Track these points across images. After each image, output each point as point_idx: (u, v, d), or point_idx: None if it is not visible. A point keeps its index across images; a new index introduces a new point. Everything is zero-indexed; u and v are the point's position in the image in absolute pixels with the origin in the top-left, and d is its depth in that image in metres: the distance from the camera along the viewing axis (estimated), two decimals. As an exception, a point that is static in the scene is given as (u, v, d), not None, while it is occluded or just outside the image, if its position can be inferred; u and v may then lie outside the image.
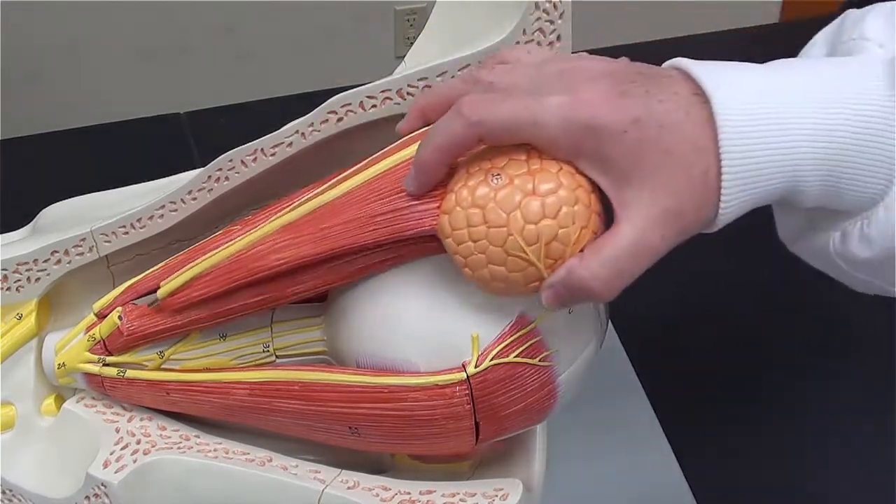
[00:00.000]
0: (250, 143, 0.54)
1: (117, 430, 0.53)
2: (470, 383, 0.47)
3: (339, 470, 0.51)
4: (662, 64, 0.45)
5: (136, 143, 0.95)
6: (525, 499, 0.49)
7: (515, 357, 0.47)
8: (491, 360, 0.47)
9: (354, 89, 0.53)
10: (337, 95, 0.53)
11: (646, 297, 0.62)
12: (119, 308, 0.53)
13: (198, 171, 0.55)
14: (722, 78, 0.43)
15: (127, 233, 0.55)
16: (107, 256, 0.56)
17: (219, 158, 0.54)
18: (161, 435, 0.53)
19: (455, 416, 0.48)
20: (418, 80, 0.53)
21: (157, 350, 0.53)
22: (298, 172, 0.54)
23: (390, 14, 1.90)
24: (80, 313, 0.56)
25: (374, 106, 0.53)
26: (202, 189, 0.54)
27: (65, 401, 0.56)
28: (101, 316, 0.54)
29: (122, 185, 0.60)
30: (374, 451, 0.53)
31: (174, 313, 0.52)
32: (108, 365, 0.53)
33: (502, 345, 0.47)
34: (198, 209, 0.55)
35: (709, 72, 0.43)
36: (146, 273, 0.53)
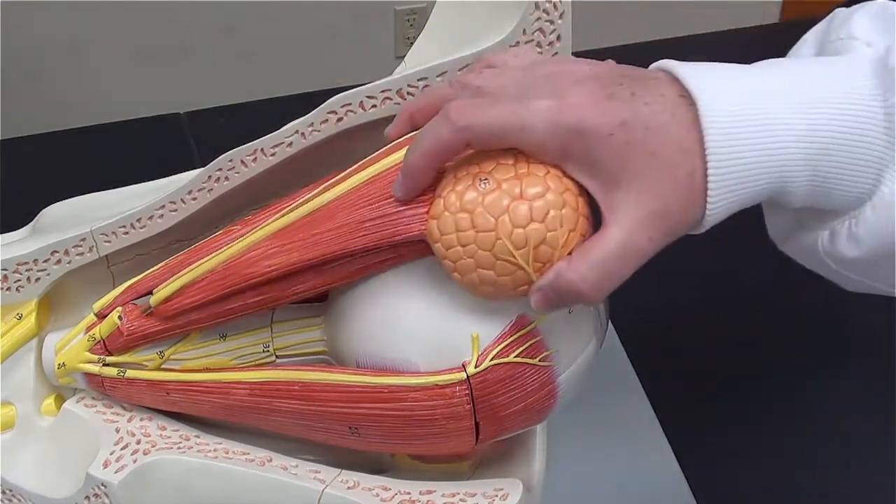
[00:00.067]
0: (250, 143, 0.54)
1: (117, 430, 0.53)
2: (470, 383, 0.47)
3: (339, 470, 0.51)
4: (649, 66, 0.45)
5: (136, 143, 0.95)
6: (525, 499, 0.49)
7: (515, 357, 0.47)
8: (491, 360, 0.47)
9: (354, 89, 0.53)
10: (337, 95, 0.53)
11: (646, 297, 0.62)
12: (119, 308, 0.53)
13: (198, 171, 0.55)
14: (708, 79, 0.43)
15: (127, 233, 0.55)
16: (107, 256, 0.56)
17: (219, 158, 0.54)
18: (161, 435, 0.53)
19: (455, 416, 0.48)
20: (418, 80, 0.53)
21: (157, 350, 0.53)
22: (298, 172, 0.54)
23: (390, 14, 1.90)
24: (80, 313, 0.56)
25: (374, 106, 0.53)
26: (202, 189, 0.54)
27: (65, 401, 0.56)
28: (101, 316, 0.54)
29: (122, 185, 0.60)
30: (374, 451, 0.53)
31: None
32: (108, 365, 0.53)
33: (502, 345, 0.47)
34: (198, 209, 0.55)
35: (695, 73, 0.43)
36: (146, 273, 0.53)
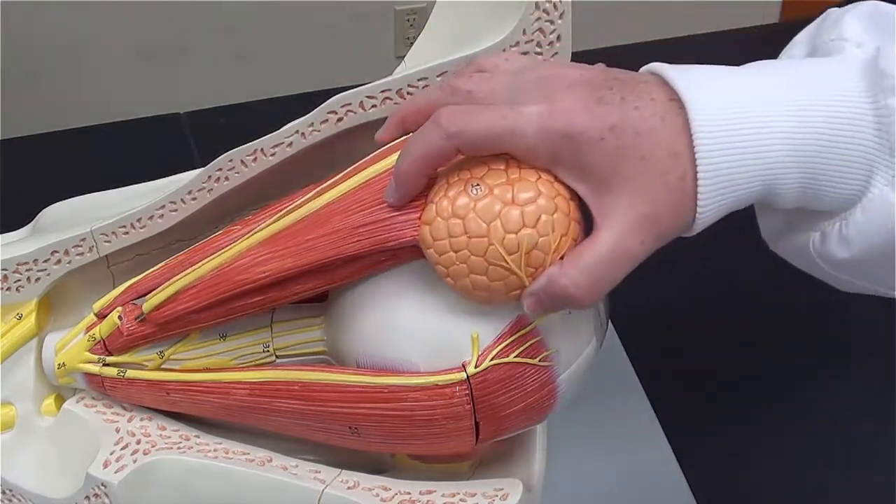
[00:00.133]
0: (250, 143, 0.54)
1: (117, 430, 0.53)
2: (470, 383, 0.47)
3: (339, 470, 0.51)
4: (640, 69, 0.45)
5: (136, 143, 0.94)
6: (525, 499, 0.49)
7: (515, 357, 0.47)
8: (491, 360, 0.47)
9: (354, 89, 0.53)
10: (337, 95, 0.53)
11: (646, 297, 0.62)
12: (119, 308, 0.53)
13: (198, 171, 0.55)
14: (698, 82, 0.43)
15: (127, 233, 0.55)
16: (107, 256, 0.56)
17: (219, 158, 0.54)
18: (161, 435, 0.53)
19: (455, 416, 0.48)
20: (418, 80, 0.53)
21: (157, 350, 0.53)
22: (299, 172, 0.54)
23: (390, 14, 1.90)
24: (80, 313, 0.56)
25: (374, 106, 0.53)
26: (202, 189, 0.54)
27: (65, 401, 0.56)
28: (101, 316, 0.54)
29: (122, 185, 0.60)
30: (374, 451, 0.53)
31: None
32: (108, 365, 0.53)
33: (502, 345, 0.47)
34: (198, 209, 0.55)
35: (684, 76, 0.43)
36: (146, 273, 0.53)
